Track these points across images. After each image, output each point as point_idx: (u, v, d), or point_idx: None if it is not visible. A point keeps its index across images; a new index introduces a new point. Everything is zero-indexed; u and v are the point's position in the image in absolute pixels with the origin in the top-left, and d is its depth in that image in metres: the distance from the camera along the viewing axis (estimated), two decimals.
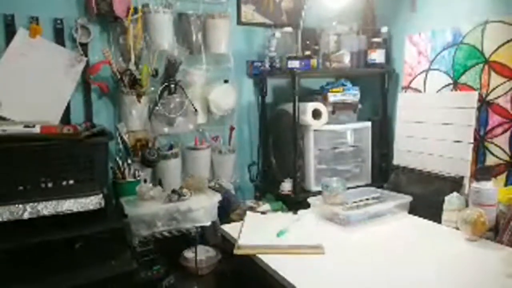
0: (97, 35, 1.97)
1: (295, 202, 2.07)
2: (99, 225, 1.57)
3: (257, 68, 2.33)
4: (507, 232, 1.52)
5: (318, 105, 2.08)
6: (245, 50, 2.34)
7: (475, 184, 1.63)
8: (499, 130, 1.71)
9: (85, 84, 1.97)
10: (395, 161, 2.18)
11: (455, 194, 1.73)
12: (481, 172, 1.63)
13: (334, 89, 2.14)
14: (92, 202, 1.60)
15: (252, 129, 2.42)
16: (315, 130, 2.10)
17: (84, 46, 1.94)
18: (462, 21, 1.85)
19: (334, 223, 1.79)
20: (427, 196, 1.91)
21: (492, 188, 1.59)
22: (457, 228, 1.66)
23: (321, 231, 1.74)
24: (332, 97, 2.13)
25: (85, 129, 1.75)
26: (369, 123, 2.25)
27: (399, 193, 1.98)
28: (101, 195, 1.62)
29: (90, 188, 1.62)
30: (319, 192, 2.05)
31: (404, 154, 2.13)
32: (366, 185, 2.22)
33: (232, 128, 2.24)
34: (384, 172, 2.30)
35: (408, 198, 1.90)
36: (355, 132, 2.22)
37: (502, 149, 1.70)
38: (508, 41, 1.66)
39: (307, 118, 2.05)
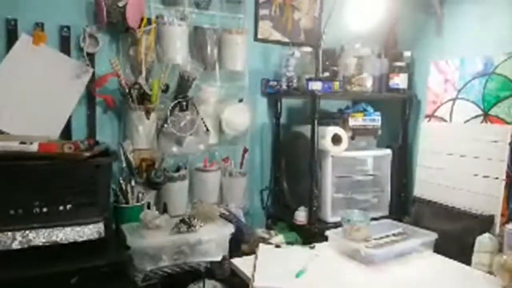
0: (106, 45, 1.84)
1: (311, 233, 1.93)
2: (98, 258, 1.41)
3: (272, 87, 2.20)
4: None
5: (338, 130, 1.95)
6: (261, 67, 2.22)
7: (511, 226, 1.51)
8: None
9: (89, 97, 1.83)
10: (416, 193, 2.06)
11: (487, 235, 1.61)
12: None
13: (355, 113, 2.01)
14: (91, 231, 1.44)
15: (265, 151, 2.29)
16: (333, 156, 1.97)
17: (91, 56, 1.80)
18: (494, 50, 1.75)
19: (355, 261, 1.65)
20: (453, 234, 1.78)
21: None
22: (489, 273, 1.53)
23: (342, 270, 1.59)
24: (352, 122, 2.00)
25: (88, 147, 1.60)
26: (389, 151, 2.13)
27: (422, 229, 1.84)
28: (101, 223, 1.46)
29: (90, 214, 1.47)
30: (335, 224, 1.92)
31: (427, 185, 2.00)
32: (384, 217, 2.08)
33: (245, 150, 2.10)
34: (403, 204, 2.18)
35: (434, 235, 1.76)
36: (375, 159, 2.09)
37: None
38: None
39: (326, 143, 1.92)
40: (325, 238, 1.83)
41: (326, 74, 2.09)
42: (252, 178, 2.21)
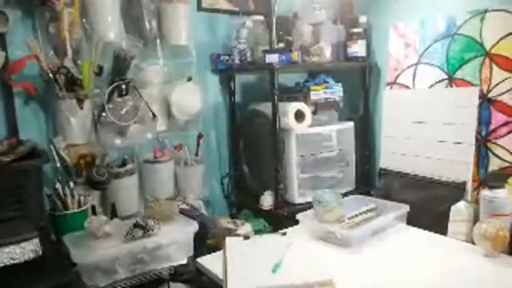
0: (19, 22, 1.51)
1: (279, 218, 1.79)
2: (37, 282, 1.15)
3: (223, 62, 1.98)
4: None
5: (301, 106, 1.80)
6: (208, 41, 1.99)
7: (487, 192, 1.46)
8: (503, 130, 1.56)
9: (4, 86, 1.50)
10: (383, 164, 1.98)
11: (462, 203, 1.56)
12: (493, 178, 1.47)
13: (315, 86, 1.87)
14: (25, 250, 1.18)
15: (220, 134, 2.09)
16: (297, 134, 1.82)
17: (0, 37, 1.47)
18: (456, 9, 1.66)
19: (332, 244, 1.53)
20: (424, 204, 1.72)
21: (506, 196, 1.43)
22: (468, 241, 1.49)
23: (319, 256, 1.47)
24: (314, 96, 1.86)
25: (9, 148, 1.31)
26: (351, 123, 2.02)
27: (392, 201, 1.77)
28: (36, 239, 1.20)
29: (20, 230, 1.20)
30: (304, 205, 1.80)
31: (393, 156, 1.93)
32: (351, 192, 2.00)
33: (200, 136, 1.88)
34: (368, 176, 2.10)
35: (406, 208, 1.69)
36: (338, 133, 1.97)
37: (508, 151, 1.55)
38: (511, 33, 1.49)
39: (289, 120, 1.77)
40: (295, 222, 1.70)
41: (281, 45, 1.91)
42: (210, 165, 2.01)
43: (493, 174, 1.48)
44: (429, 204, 1.71)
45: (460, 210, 1.54)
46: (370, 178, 2.10)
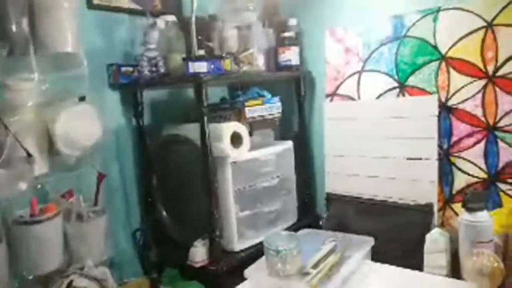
0: None
1: (218, 277, 1.36)
2: None
3: (126, 75, 1.50)
4: None
5: (237, 126, 1.41)
6: (104, 48, 1.49)
7: (467, 216, 1.25)
8: (469, 141, 1.39)
9: None
10: (329, 188, 1.70)
11: (437, 230, 1.33)
12: (474, 198, 1.26)
13: (252, 101, 1.50)
14: None
15: (126, 171, 1.58)
16: (233, 163, 1.42)
17: None
18: (404, 8, 1.48)
19: None
20: (387, 233, 1.47)
21: (489, 219, 1.23)
22: (449, 276, 1.27)
23: None
24: (250, 113, 1.49)
25: None
26: (290, 143, 1.70)
27: (348, 233, 1.49)
28: None
29: None
30: (245, 252, 1.43)
31: (342, 178, 1.66)
32: (294, 225, 1.67)
33: (100, 177, 1.36)
34: (311, 204, 1.80)
35: (370, 241, 1.42)
36: (278, 157, 1.63)
37: (476, 165, 1.38)
38: (471, 32, 1.34)
39: (225, 146, 1.37)
40: (241, 278, 1.30)
41: (201, 52, 1.51)
42: (115, 215, 1.49)
43: (474, 194, 1.29)
44: (392, 233, 1.46)
45: (436, 239, 1.31)
46: (314, 206, 1.81)
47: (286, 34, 1.69)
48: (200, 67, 1.28)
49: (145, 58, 1.43)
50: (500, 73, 1.29)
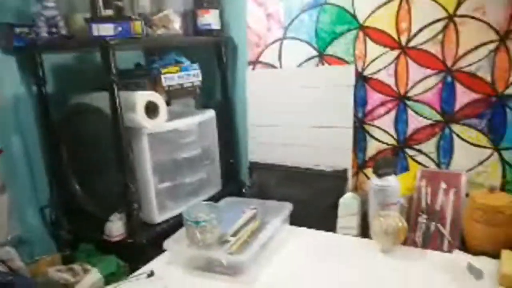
0: None
1: (137, 250, 1.32)
2: None
3: (21, 37, 1.32)
4: (419, 229, 1.30)
5: (152, 95, 1.32)
6: None
7: (377, 181, 1.32)
8: (381, 110, 1.45)
9: None
10: (252, 157, 1.69)
11: (350, 194, 1.40)
12: (383, 164, 1.33)
13: (168, 68, 1.41)
14: None
15: (30, 144, 1.43)
16: (150, 134, 1.35)
17: None
18: None
19: (218, 275, 1.17)
20: (305, 198, 1.52)
21: (397, 183, 1.32)
22: (359, 236, 1.35)
23: None
24: (167, 81, 1.41)
25: None
26: (213, 112, 1.65)
27: (269, 200, 1.51)
28: None
29: None
30: (167, 223, 1.40)
31: (263, 147, 1.66)
32: (219, 194, 1.66)
33: None
34: (235, 173, 1.80)
35: (288, 207, 1.45)
36: (199, 126, 1.58)
37: (387, 132, 1.45)
38: (387, 2, 1.36)
39: (139, 116, 1.28)
40: (161, 250, 1.27)
41: (109, 12, 1.37)
42: (19, 192, 1.36)
43: (384, 160, 1.36)
44: (310, 199, 1.52)
45: (349, 203, 1.38)
46: (238, 175, 1.80)
47: None
48: (106, 29, 1.16)
49: (42, 17, 1.26)
50: (412, 43, 1.34)
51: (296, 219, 1.46)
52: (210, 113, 1.63)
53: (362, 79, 1.45)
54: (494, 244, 1.15)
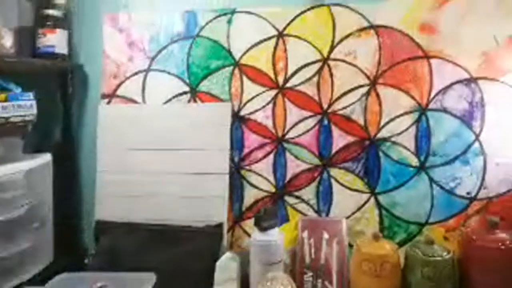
0: None
1: None
2: None
3: None
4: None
5: None
6: None
7: (260, 236, 1.12)
8: (259, 153, 1.31)
9: None
10: (100, 215, 1.32)
11: (228, 255, 1.16)
12: (266, 215, 1.15)
13: None
14: None
15: None
16: None
17: None
18: (198, 5, 1.33)
19: None
20: (171, 266, 1.20)
21: (281, 237, 1.14)
22: None
23: None
24: None
25: None
26: (48, 157, 1.25)
27: (125, 272, 1.15)
28: None
29: None
30: None
31: (116, 201, 1.32)
32: (49, 268, 1.21)
33: None
34: (74, 238, 1.37)
35: (150, 279, 1.11)
36: (28, 176, 1.15)
37: (265, 178, 1.31)
38: (264, 40, 1.29)
39: None
40: None
41: None
42: None
43: (266, 211, 1.17)
44: (179, 264, 1.21)
45: (227, 265, 1.13)
46: (79, 240, 1.38)
47: (50, 12, 1.29)
48: None
49: None
50: (289, 84, 1.29)
51: None
52: (45, 158, 1.23)
53: (238, 120, 1.31)
54: None
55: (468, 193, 1.20)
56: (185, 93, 1.34)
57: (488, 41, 1.17)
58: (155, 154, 1.31)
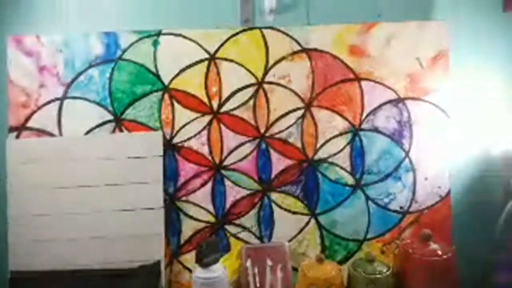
0: None
1: None
2: None
3: None
4: None
5: None
6: None
7: (201, 273, 1.05)
8: (196, 182, 1.23)
9: None
10: (15, 265, 1.15)
11: None
12: (208, 249, 1.08)
13: None
14: None
15: None
16: None
17: None
18: (119, 26, 1.21)
19: None
20: None
21: (225, 271, 1.09)
22: None
23: None
24: None
25: None
26: None
27: None
28: None
29: None
30: None
31: (35, 246, 1.15)
32: None
33: None
34: None
35: None
36: None
37: (204, 208, 1.24)
38: (195, 63, 1.22)
39: None
40: None
41: None
42: None
43: (208, 245, 1.10)
44: None
45: None
46: None
47: None
48: None
49: None
50: (224, 108, 1.23)
51: None
52: None
53: (171, 148, 1.22)
54: None
55: (401, 208, 1.25)
56: (109, 121, 1.21)
57: (413, 63, 1.22)
58: (78, 191, 1.17)
